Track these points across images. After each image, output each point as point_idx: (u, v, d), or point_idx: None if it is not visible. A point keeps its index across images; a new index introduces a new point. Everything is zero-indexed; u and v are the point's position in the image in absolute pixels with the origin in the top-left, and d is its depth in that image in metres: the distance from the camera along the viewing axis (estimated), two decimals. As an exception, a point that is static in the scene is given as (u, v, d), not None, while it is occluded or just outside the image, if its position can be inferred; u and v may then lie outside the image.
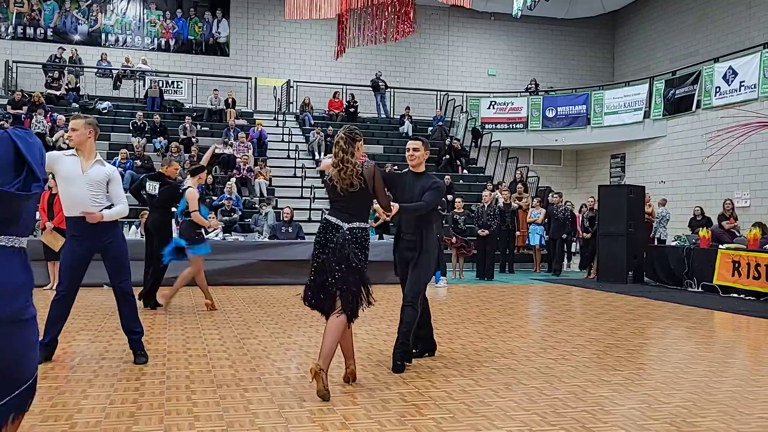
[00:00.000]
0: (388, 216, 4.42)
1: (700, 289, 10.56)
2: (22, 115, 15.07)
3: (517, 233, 13.86)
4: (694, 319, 7.64)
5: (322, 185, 5.10)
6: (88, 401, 3.80)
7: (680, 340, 6.36)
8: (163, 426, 3.39)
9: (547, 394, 4.14)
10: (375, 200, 4.26)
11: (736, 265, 9.91)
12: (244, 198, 14.10)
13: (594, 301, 9.19)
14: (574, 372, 4.75)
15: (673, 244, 12.05)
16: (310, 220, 13.53)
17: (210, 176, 13.93)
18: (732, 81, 15.06)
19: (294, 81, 19.95)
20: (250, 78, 19.78)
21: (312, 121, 18.44)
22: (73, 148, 4.61)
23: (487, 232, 12.12)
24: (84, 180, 4.52)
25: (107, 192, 4.62)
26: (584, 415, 3.71)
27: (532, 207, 14.26)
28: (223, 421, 3.48)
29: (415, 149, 4.78)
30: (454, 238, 11.94)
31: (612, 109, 18.48)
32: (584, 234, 13.11)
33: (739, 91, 14.85)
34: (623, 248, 11.66)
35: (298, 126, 18.52)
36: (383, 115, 20.19)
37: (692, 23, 19.61)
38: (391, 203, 4.38)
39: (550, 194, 14.33)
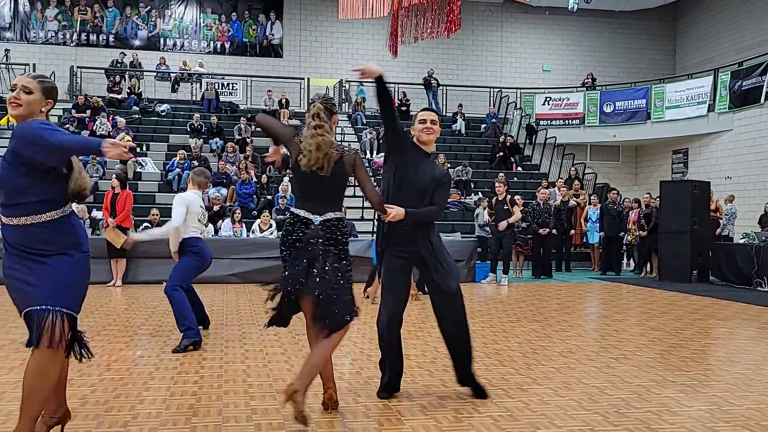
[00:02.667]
0: (384, 219, 3.61)
1: (770, 289, 10.06)
2: (86, 119, 15.70)
3: (573, 231, 13.53)
4: (765, 319, 7.26)
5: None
6: (149, 393, 3.89)
7: (750, 340, 6.05)
8: (222, 417, 3.43)
9: (609, 393, 4.00)
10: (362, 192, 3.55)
11: (811, 263, 9.39)
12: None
13: (656, 300, 8.86)
14: (637, 372, 4.57)
15: (741, 241, 11.51)
16: (362, 219, 13.56)
17: (265, 175, 14.16)
18: (804, 70, 14.29)
19: (346, 81, 20.05)
20: (303, 78, 20.00)
21: (364, 121, 18.50)
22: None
23: (546, 230, 11.89)
24: None
25: None
26: (649, 416, 3.56)
27: (590, 204, 13.89)
28: (279, 414, 3.50)
29: (433, 122, 3.88)
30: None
31: (674, 102, 17.81)
32: (640, 232, 12.66)
33: (812, 81, 14.07)
34: (687, 246, 11.20)
35: (350, 125, 18.61)
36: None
37: (760, 11, 18.70)
38: (392, 206, 3.59)
39: (610, 191, 13.91)
